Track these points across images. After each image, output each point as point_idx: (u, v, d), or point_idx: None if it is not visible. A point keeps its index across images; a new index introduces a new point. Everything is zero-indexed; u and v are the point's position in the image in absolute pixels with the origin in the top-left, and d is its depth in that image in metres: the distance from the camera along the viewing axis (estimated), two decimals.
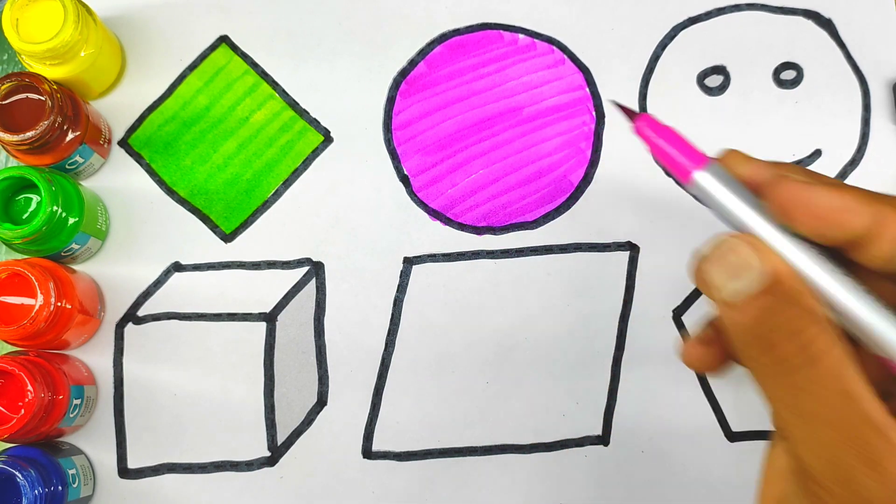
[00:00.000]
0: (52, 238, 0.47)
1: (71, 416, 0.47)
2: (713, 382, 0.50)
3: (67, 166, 0.49)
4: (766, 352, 0.30)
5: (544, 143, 0.52)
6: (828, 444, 0.30)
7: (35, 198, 0.48)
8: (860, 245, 0.32)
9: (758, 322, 0.30)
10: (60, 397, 0.46)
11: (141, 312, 0.51)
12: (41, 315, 0.45)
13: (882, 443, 0.29)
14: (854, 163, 0.52)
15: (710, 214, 0.51)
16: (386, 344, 0.51)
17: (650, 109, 0.53)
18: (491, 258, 0.51)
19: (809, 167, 0.52)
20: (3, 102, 0.47)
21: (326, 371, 0.51)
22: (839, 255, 0.31)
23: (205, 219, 0.52)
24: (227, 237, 0.52)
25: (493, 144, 0.52)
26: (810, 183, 0.32)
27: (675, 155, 0.31)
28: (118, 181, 0.52)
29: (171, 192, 0.52)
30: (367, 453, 0.50)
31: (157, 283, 0.51)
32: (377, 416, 0.50)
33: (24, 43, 0.47)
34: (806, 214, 0.32)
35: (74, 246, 0.48)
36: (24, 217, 0.48)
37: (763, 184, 0.31)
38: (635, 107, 0.53)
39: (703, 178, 0.31)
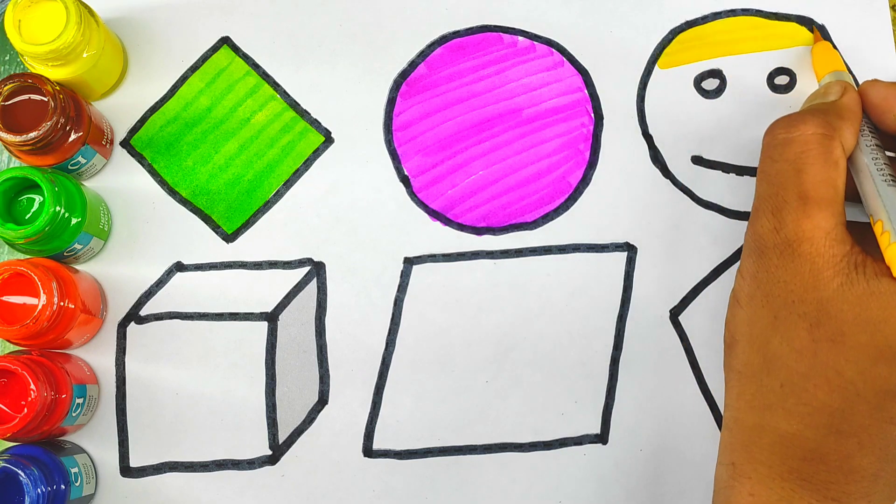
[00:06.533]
0: (55, 238, 0.47)
1: (73, 414, 0.47)
2: (711, 381, 0.51)
3: (70, 167, 0.50)
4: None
5: (543, 144, 0.53)
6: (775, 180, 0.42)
7: (38, 198, 0.48)
8: None
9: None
10: (63, 396, 0.46)
11: (143, 312, 0.51)
12: (44, 315, 0.45)
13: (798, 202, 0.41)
14: None
15: (706, 216, 0.52)
16: (386, 343, 0.51)
17: (648, 111, 0.53)
18: (490, 258, 0.52)
19: None
20: (6, 103, 0.47)
21: (327, 370, 0.51)
22: None
23: (206, 219, 0.52)
24: (229, 237, 0.52)
25: (492, 146, 0.53)
26: (879, 82, 0.45)
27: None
28: (120, 182, 0.52)
29: (172, 192, 0.52)
30: (368, 452, 0.50)
31: (160, 283, 0.51)
32: (378, 414, 0.51)
33: (26, 44, 0.47)
34: (867, 106, 0.45)
35: (77, 246, 0.49)
36: (26, 217, 0.48)
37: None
38: (633, 107, 0.53)
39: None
